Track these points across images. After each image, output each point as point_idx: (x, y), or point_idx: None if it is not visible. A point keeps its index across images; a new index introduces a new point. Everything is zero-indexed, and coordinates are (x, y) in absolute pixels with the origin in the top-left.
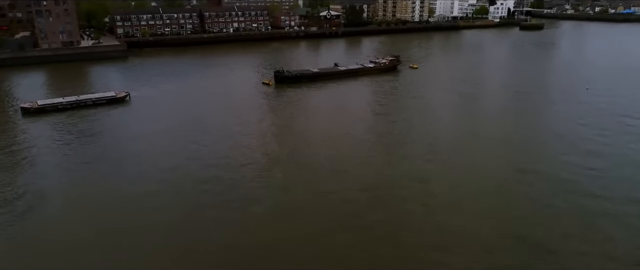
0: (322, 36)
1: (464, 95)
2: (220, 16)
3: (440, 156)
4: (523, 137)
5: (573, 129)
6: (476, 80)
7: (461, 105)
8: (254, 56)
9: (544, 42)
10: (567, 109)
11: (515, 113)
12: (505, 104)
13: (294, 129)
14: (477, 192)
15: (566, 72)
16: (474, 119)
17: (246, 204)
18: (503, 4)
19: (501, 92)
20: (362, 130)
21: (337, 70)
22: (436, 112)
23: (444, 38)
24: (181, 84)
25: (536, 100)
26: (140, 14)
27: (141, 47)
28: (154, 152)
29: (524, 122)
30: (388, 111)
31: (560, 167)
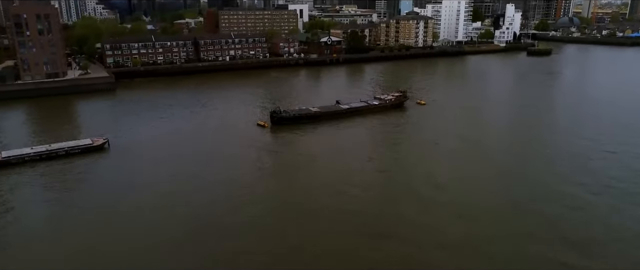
0: (322, 64)
1: (472, 142)
2: (216, 44)
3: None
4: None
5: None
6: (485, 123)
7: (471, 158)
8: (250, 88)
9: (553, 72)
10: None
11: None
12: (515, 163)
13: (286, 196)
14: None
15: (578, 119)
16: (482, 181)
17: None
18: (509, 28)
19: (510, 142)
20: (360, 189)
21: (338, 109)
22: (446, 169)
23: (450, 65)
24: (168, 125)
25: (543, 171)
26: (131, 42)
27: (132, 78)
28: (118, 227)
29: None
30: (392, 164)
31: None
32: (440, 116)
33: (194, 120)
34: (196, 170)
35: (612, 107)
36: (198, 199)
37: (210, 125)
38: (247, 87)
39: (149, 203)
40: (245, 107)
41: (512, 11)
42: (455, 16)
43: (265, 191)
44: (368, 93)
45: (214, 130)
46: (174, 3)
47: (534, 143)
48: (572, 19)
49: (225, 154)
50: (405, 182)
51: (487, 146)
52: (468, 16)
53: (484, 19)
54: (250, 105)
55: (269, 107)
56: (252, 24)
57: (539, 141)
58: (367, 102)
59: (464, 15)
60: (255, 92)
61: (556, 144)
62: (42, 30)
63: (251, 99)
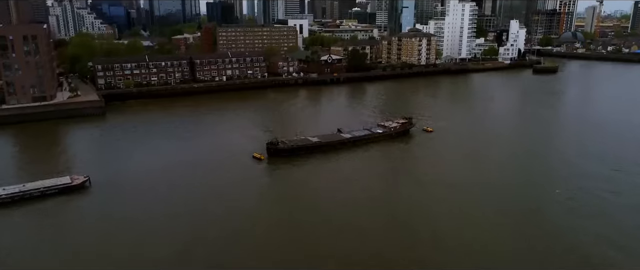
0: (322, 83)
1: (482, 180)
2: (213, 63)
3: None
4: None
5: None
6: (495, 157)
7: (481, 200)
8: (247, 110)
9: (562, 93)
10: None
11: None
12: (528, 209)
13: (279, 246)
14: None
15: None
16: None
17: None
18: (513, 44)
19: (523, 180)
20: (356, 243)
21: (340, 138)
22: (457, 214)
23: (454, 84)
24: (158, 157)
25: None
26: (124, 63)
27: (123, 100)
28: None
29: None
30: (397, 208)
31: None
32: (448, 146)
33: (186, 151)
34: (183, 212)
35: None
36: (175, 258)
37: (203, 157)
38: (244, 109)
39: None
40: (242, 134)
41: (517, 27)
42: (458, 33)
43: (259, 241)
44: (371, 118)
45: (207, 165)
46: (174, 16)
47: (552, 183)
48: (575, 34)
49: (218, 188)
50: (412, 229)
51: (499, 186)
52: (472, 32)
53: (487, 35)
54: (246, 132)
55: (266, 133)
56: (251, 41)
57: (558, 180)
58: (371, 130)
59: (468, 32)
60: (252, 117)
61: (581, 188)
62: (29, 52)
63: (248, 123)
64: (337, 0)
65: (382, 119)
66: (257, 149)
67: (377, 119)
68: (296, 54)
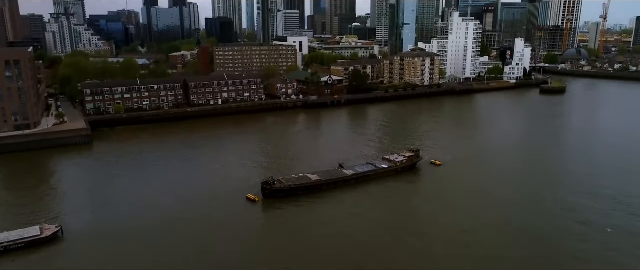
0: (322, 106)
1: (499, 220)
2: (208, 86)
3: None
4: None
5: None
6: (508, 193)
7: (499, 244)
8: (243, 138)
9: (570, 116)
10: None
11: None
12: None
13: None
14: None
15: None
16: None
17: None
18: (519, 64)
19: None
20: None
21: (342, 175)
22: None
23: (459, 106)
24: (143, 197)
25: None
26: (114, 87)
27: (113, 126)
28: None
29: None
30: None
31: None
32: (459, 183)
33: (173, 190)
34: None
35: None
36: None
37: (192, 198)
38: (240, 137)
39: None
40: (236, 168)
41: (522, 46)
42: (462, 51)
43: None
44: (375, 149)
45: (195, 208)
46: (173, 31)
47: (577, 227)
48: (580, 50)
49: (206, 240)
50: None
51: (516, 231)
52: (476, 51)
53: (491, 53)
54: (241, 165)
55: (263, 166)
56: (249, 61)
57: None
58: (375, 165)
59: (472, 51)
60: (248, 146)
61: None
62: (12, 78)
63: (243, 154)
64: (337, 16)
65: (387, 152)
66: (251, 187)
67: (381, 151)
68: (295, 74)
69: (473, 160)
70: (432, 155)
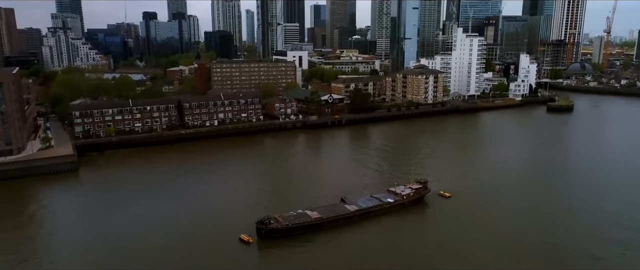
0: (323, 126)
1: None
2: (203, 107)
3: None
4: None
5: None
6: (524, 231)
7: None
8: (239, 164)
9: (580, 136)
10: None
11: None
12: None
13: None
14: None
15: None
16: None
17: None
18: (524, 80)
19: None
20: None
21: (344, 211)
22: None
23: (464, 126)
24: (126, 235)
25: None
26: (104, 108)
27: (102, 150)
28: None
29: None
30: None
31: None
32: (471, 218)
33: (160, 228)
34: None
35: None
36: None
37: (179, 238)
38: (236, 162)
39: None
40: (230, 200)
41: (527, 62)
42: (466, 68)
43: None
44: (378, 177)
45: (182, 252)
46: (172, 44)
47: None
48: (584, 65)
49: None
50: None
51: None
52: (481, 67)
53: (494, 68)
54: (236, 198)
55: (258, 200)
56: (247, 77)
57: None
58: (380, 199)
59: (477, 67)
60: (244, 174)
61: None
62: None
63: (238, 184)
64: (337, 29)
65: (392, 182)
66: (245, 225)
67: (385, 180)
68: (295, 93)
69: (484, 190)
70: (440, 184)
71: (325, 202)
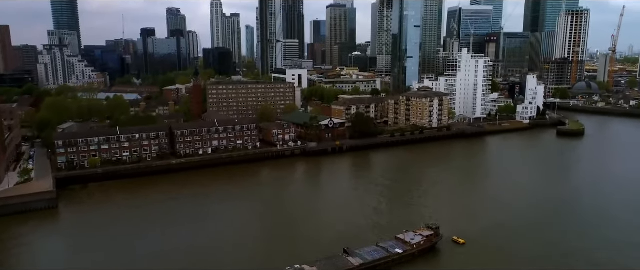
0: (323, 153)
1: None
2: (196, 134)
3: None
4: None
5: None
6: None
7: None
8: (232, 202)
9: (595, 163)
10: None
11: None
12: None
13: None
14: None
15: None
16: None
17: None
18: (532, 103)
19: None
20: None
21: (347, 266)
22: None
23: (471, 152)
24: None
25: None
26: (89, 137)
27: (86, 183)
28: None
29: None
30: None
31: None
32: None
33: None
34: None
35: None
36: None
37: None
38: (229, 198)
39: None
40: (217, 250)
41: (534, 83)
42: (472, 90)
43: None
44: (384, 215)
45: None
46: (170, 60)
47: None
48: (590, 84)
49: None
50: None
51: None
52: (487, 88)
53: (499, 88)
54: (227, 243)
55: (249, 246)
56: (244, 99)
57: None
58: (387, 249)
59: (482, 89)
60: (235, 215)
61: None
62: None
63: (228, 227)
64: (337, 44)
65: (400, 225)
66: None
67: (392, 221)
68: (293, 116)
69: (499, 234)
70: (452, 227)
71: (325, 252)
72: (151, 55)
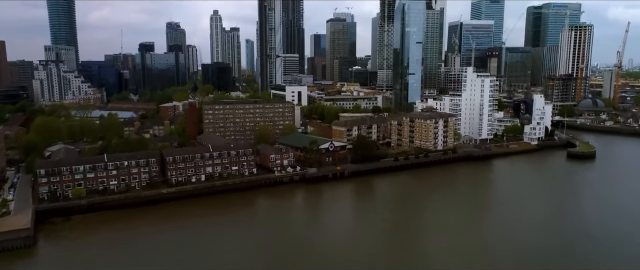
0: (323, 179)
1: None
2: (189, 160)
3: None
4: None
5: None
6: None
7: None
8: (226, 231)
9: (607, 190)
10: None
11: None
12: None
13: None
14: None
15: None
16: None
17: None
18: (540, 123)
19: None
20: None
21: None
22: None
23: (479, 177)
24: None
25: None
26: (74, 165)
27: (69, 215)
28: None
29: None
30: None
31: None
32: None
33: None
34: None
35: None
36: None
37: None
38: (221, 234)
39: None
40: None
41: (542, 103)
42: (478, 110)
43: None
44: (391, 262)
45: None
46: (169, 74)
47: None
48: (595, 101)
49: None
50: None
51: None
52: (493, 108)
53: (504, 106)
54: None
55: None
56: (241, 119)
57: None
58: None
59: (489, 109)
60: (228, 250)
61: None
62: None
63: (221, 266)
64: (337, 59)
65: (402, 267)
66: None
67: (394, 260)
68: (292, 139)
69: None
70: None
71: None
72: (149, 69)
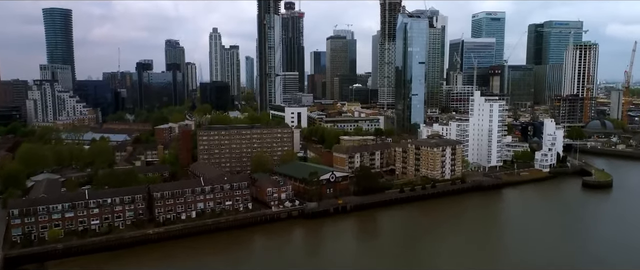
0: (324, 215)
1: None
2: (178, 196)
3: None
4: None
5: None
6: None
7: None
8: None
9: (632, 226)
10: None
11: None
12: None
13: None
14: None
15: None
16: None
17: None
18: (552, 149)
19: None
20: None
21: None
22: None
23: (490, 210)
24: None
25: None
26: (52, 204)
27: (43, 261)
28: None
29: None
30: None
31: None
32: None
33: None
34: None
35: None
36: None
37: None
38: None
39: None
40: None
41: (553, 127)
42: (486, 136)
43: None
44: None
45: None
46: (167, 92)
47: None
48: (604, 122)
49: None
50: None
51: None
52: (502, 134)
53: (513, 130)
54: None
55: None
56: (237, 145)
57: None
58: None
59: (498, 134)
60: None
61: None
62: None
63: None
64: (337, 76)
65: None
66: None
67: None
68: (291, 168)
69: None
70: None
71: None
72: (147, 88)
